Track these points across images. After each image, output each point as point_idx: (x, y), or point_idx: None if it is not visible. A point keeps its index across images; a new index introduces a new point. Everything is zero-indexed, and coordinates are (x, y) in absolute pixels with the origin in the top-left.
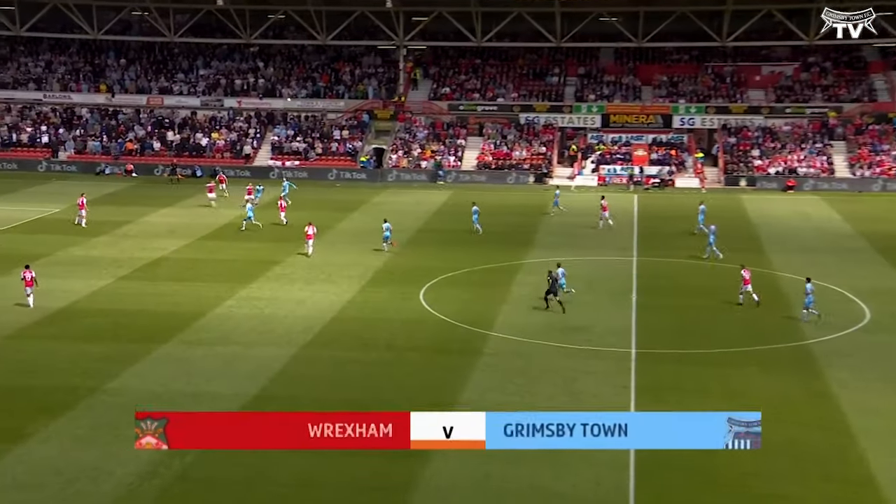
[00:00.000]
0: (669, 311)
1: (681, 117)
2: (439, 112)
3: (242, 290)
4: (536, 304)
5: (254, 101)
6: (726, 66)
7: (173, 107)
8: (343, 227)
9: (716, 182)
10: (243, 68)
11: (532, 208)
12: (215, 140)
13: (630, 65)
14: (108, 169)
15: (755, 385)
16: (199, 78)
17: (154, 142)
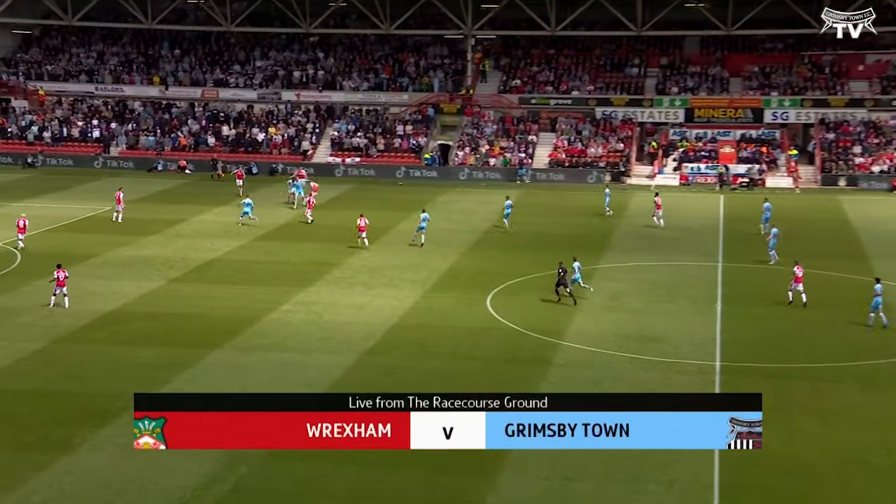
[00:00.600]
0: (758, 321)
1: (773, 111)
2: (509, 106)
3: (299, 294)
4: (610, 312)
5: (313, 94)
6: (825, 55)
7: (229, 100)
8: (405, 227)
9: (812, 181)
10: (302, 59)
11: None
12: (272, 135)
13: (717, 54)
14: (161, 165)
15: (854, 404)
16: (256, 70)
17: (208, 137)
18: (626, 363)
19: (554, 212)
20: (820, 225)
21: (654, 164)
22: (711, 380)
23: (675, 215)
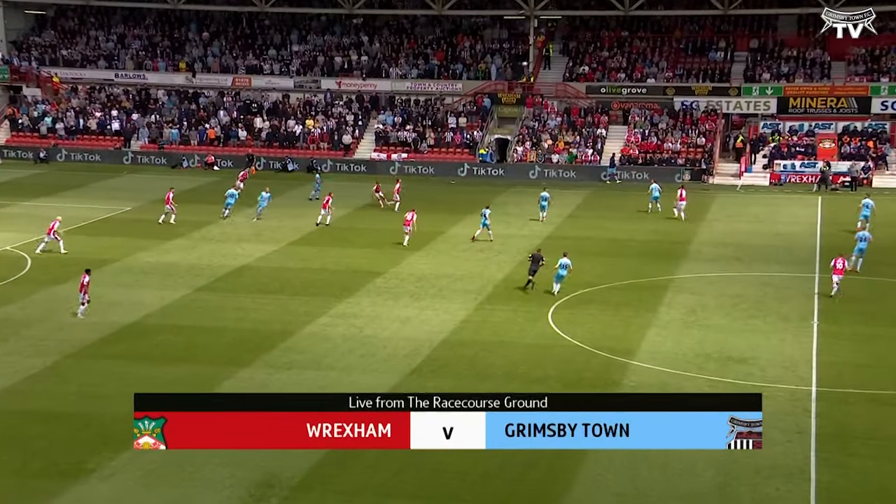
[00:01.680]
0: (861, 340)
1: (882, 100)
2: (576, 95)
3: (338, 306)
4: (688, 329)
5: (356, 82)
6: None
7: (262, 89)
8: (457, 232)
9: None
10: (344, 44)
11: (688, 212)
12: (310, 128)
13: (818, 35)
14: (186, 162)
15: None
16: (293, 55)
17: (240, 130)
18: (706, 387)
19: (625, 214)
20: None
21: (741, 162)
22: (806, 407)
23: (765, 220)
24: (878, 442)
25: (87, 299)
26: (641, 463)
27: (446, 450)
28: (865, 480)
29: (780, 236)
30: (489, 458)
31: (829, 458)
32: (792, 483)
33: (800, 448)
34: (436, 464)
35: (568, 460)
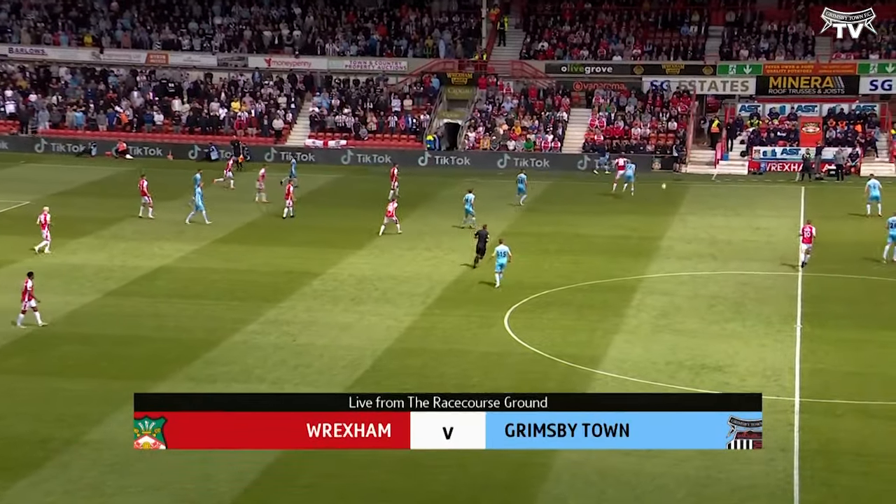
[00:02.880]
0: (849, 346)
1: (872, 79)
2: (534, 75)
3: (269, 311)
4: (659, 333)
5: (287, 59)
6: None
7: (181, 67)
8: (402, 228)
9: None
10: (274, 16)
11: (657, 205)
12: (236, 111)
13: (800, 7)
14: (95, 150)
15: None
16: (216, 29)
17: (156, 113)
18: None
19: (589, 208)
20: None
21: (717, 148)
22: (789, 421)
23: (743, 213)
24: (866, 458)
25: (33, 305)
26: (608, 482)
27: (395, 475)
28: (854, 501)
29: (760, 231)
30: (440, 480)
31: (815, 476)
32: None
33: (782, 465)
34: (382, 484)
35: (529, 480)
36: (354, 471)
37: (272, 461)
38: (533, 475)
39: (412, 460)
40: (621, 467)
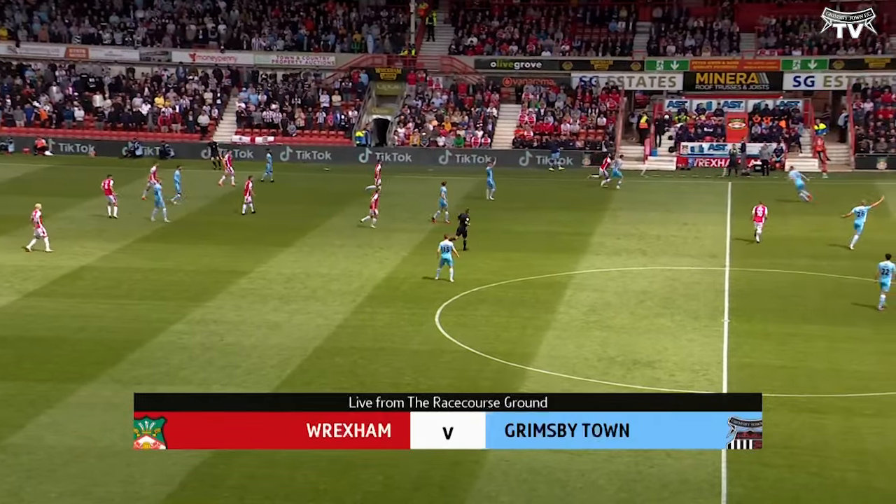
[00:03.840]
0: (775, 340)
1: (795, 75)
2: (463, 71)
3: (195, 311)
4: (590, 330)
5: (212, 54)
6: (861, 3)
7: (102, 62)
8: (333, 225)
9: (843, 164)
10: (198, 10)
11: (588, 201)
12: (160, 107)
13: (725, 4)
14: (12, 146)
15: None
16: (138, 23)
17: (76, 109)
18: None
19: (520, 204)
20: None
21: (646, 144)
22: None
23: (672, 209)
24: (792, 451)
25: None
26: (539, 479)
27: (326, 475)
28: (779, 493)
29: (688, 226)
30: (373, 478)
31: (742, 469)
32: (702, 498)
33: (710, 460)
34: (313, 484)
35: (461, 478)
36: (284, 472)
37: (199, 463)
38: (465, 473)
39: (344, 460)
40: (552, 464)
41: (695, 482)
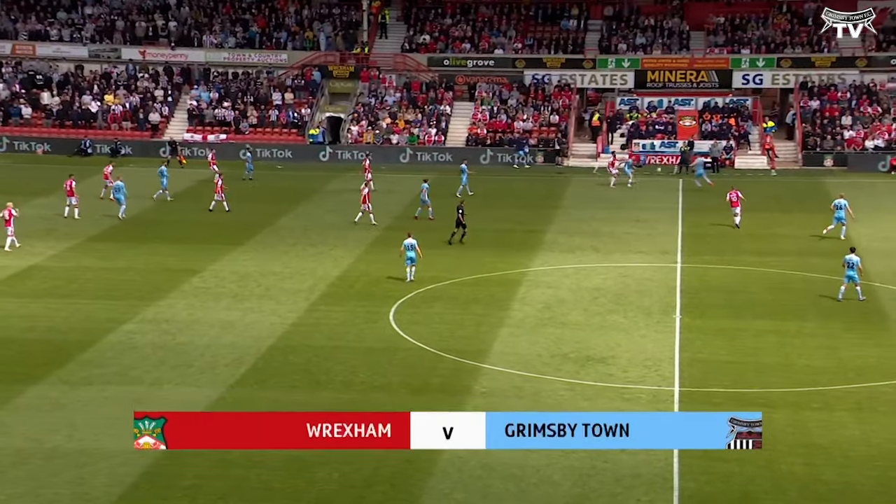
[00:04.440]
0: (726, 335)
1: (744, 73)
2: (416, 69)
3: (147, 310)
4: (543, 327)
5: (163, 51)
6: (807, 3)
7: (50, 58)
8: (286, 223)
9: (791, 161)
10: (148, 6)
11: (540, 198)
12: (110, 105)
13: (675, 3)
14: None
15: (847, 437)
16: (86, 19)
17: (23, 106)
18: (564, 390)
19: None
20: (800, 216)
21: (598, 142)
22: (669, 410)
23: (624, 206)
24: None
25: None
26: (494, 476)
27: (280, 474)
28: (729, 487)
29: (640, 223)
30: (327, 476)
31: (693, 464)
32: (654, 492)
33: (663, 455)
34: (267, 483)
35: (415, 476)
36: (238, 471)
37: (150, 463)
38: (419, 470)
39: (299, 458)
40: (507, 461)
41: (647, 476)
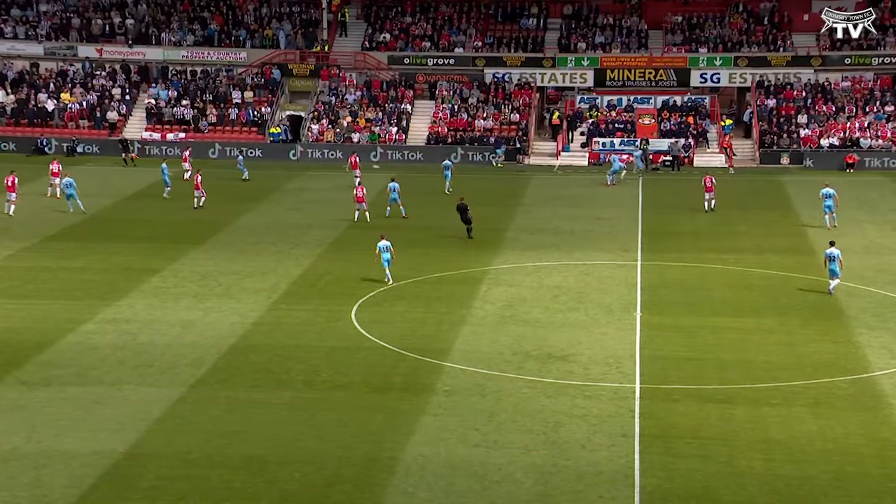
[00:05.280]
0: (686, 332)
1: (701, 72)
2: (376, 67)
3: (106, 310)
4: (505, 324)
5: (120, 49)
6: (763, 2)
7: (4, 56)
8: (246, 222)
9: (749, 159)
10: (104, 3)
11: (502, 196)
12: (66, 103)
13: (633, 1)
14: None
15: (804, 432)
16: (41, 16)
17: None
18: (526, 388)
19: (435, 200)
20: (758, 214)
21: (558, 140)
22: (630, 407)
23: (584, 203)
24: (702, 441)
25: None
26: (457, 474)
27: (241, 474)
28: (689, 483)
29: (601, 221)
30: (289, 476)
31: (654, 460)
32: (616, 489)
33: (624, 451)
34: (228, 483)
35: (378, 475)
36: (199, 471)
37: (110, 465)
38: (381, 469)
39: (260, 458)
40: (469, 459)
41: (609, 473)
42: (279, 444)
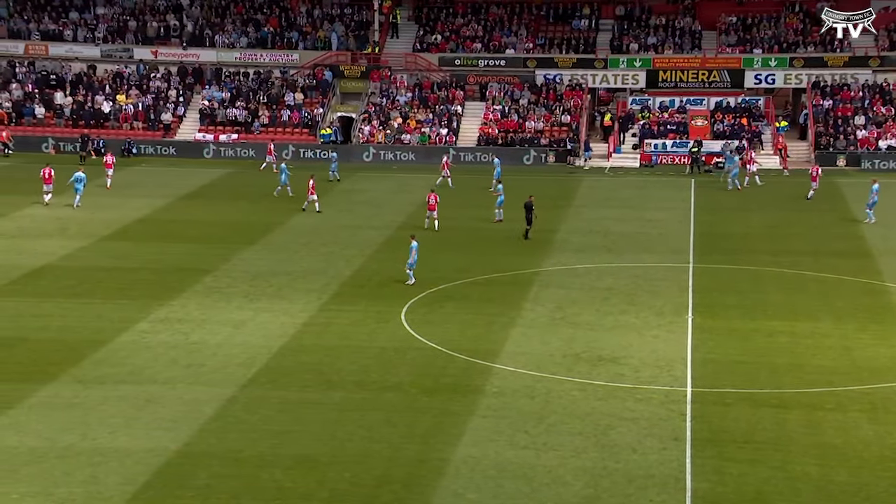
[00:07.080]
0: (739, 336)
1: (756, 73)
2: (427, 68)
3: (160, 310)
4: (555, 327)
5: (175, 51)
6: (820, 1)
7: (63, 58)
8: (298, 223)
9: (804, 161)
10: (160, 6)
11: (552, 199)
12: (122, 104)
13: (687, 2)
14: None
15: (860, 438)
16: (99, 19)
17: (36, 106)
18: (576, 391)
19: (486, 202)
20: (814, 215)
21: (609, 141)
22: (682, 411)
23: (636, 205)
24: (754, 445)
25: None
26: (506, 476)
27: (292, 473)
28: (742, 487)
29: (652, 223)
30: (339, 475)
31: (706, 464)
32: (667, 493)
33: (675, 455)
34: (279, 482)
35: (428, 476)
36: (250, 470)
37: (163, 463)
38: (431, 471)
39: (310, 458)
40: (518, 461)
41: (660, 477)
42: (329, 444)
